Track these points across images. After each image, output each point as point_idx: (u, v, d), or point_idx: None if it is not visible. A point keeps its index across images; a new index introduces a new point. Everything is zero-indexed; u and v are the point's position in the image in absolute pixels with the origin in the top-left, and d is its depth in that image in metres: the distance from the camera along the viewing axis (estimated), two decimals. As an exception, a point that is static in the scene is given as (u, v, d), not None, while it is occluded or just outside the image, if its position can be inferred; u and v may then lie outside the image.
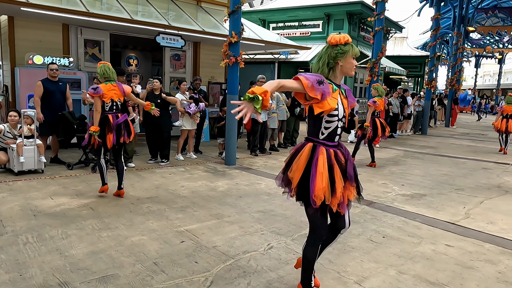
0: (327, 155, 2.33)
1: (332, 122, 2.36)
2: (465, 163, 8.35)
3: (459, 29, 18.19)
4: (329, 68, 2.35)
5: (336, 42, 2.32)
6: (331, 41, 2.33)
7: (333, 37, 2.32)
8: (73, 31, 8.63)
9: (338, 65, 2.34)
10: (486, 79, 50.31)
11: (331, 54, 2.33)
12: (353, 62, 2.38)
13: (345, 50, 2.31)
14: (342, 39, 2.32)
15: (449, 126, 17.59)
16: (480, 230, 4.18)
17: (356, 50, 2.35)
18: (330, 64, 2.33)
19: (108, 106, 4.74)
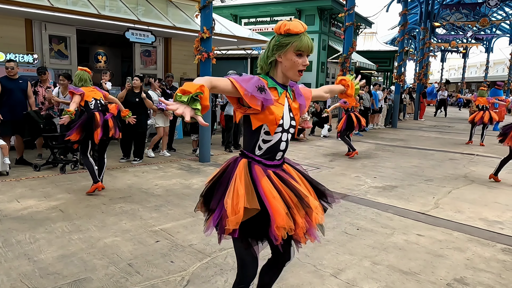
0: (268, 176, 1.79)
1: (275, 134, 1.80)
2: (433, 154, 8.63)
3: (426, 25, 18.73)
4: (269, 64, 1.81)
5: (276, 30, 1.78)
6: (274, 28, 1.81)
7: (277, 23, 1.78)
8: (37, 26, 8.28)
9: (277, 61, 1.79)
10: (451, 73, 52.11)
11: (270, 45, 1.79)
12: (296, 60, 1.75)
13: (283, 42, 1.73)
14: (282, 26, 1.74)
15: (417, 119, 18.12)
16: (448, 219, 4.33)
17: (303, 44, 1.73)
18: (269, 58, 1.79)
19: (92, 104, 4.83)
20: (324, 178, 6.09)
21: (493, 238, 3.82)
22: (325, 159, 7.75)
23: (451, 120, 18.88)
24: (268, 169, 1.82)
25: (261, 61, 1.83)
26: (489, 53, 30.89)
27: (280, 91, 1.80)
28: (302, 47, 1.73)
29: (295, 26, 1.72)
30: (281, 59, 1.76)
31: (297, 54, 1.74)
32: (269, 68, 1.82)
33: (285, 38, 1.73)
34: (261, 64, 1.83)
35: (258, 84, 1.69)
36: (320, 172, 6.57)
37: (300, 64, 1.76)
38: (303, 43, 1.73)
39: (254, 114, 1.74)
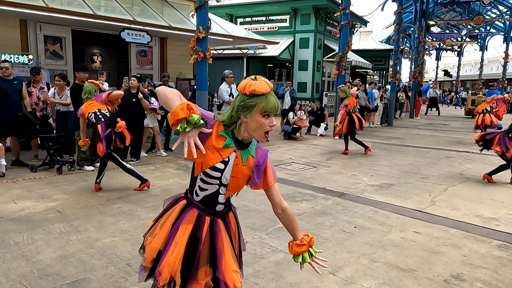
0: (196, 224, 1.72)
1: (210, 184, 1.70)
2: (429, 152, 8.68)
3: (421, 23, 18.81)
4: (232, 122, 1.66)
5: (240, 90, 1.63)
6: (238, 87, 1.65)
7: (241, 82, 1.65)
8: (32, 27, 8.24)
9: (242, 122, 1.64)
10: (446, 71, 52.34)
11: (235, 105, 1.64)
12: (264, 121, 1.61)
13: (249, 104, 1.59)
14: (247, 87, 1.59)
15: (413, 117, 18.21)
16: (445, 216, 4.36)
17: (270, 105, 1.59)
18: (233, 117, 1.65)
19: (93, 118, 4.92)
20: (321, 177, 6.12)
21: (489, 234, 3.86)
22: (322, 158, 7.78)
23: (446, 118, 18.99)
24: (205, 215, 1.74)
25: (226, 119, 1.67)
26: (484, 51, 31.09)
27: (228, 145, 1.65)
28: (269, 108, 1.59)
29: (261, 87, 1.58)
30: (246, 120, 1.62)
31: (264, 115, 1.60)
32: (231, 125, 1.67)
33: (251, 99, 1.59)
34: (225, 119, 1.67)
35: (208, 120, 1.61)
36: (317, 171, 6.59)
37: (267, 125, 1.62)
38: (269, 104, 1.59)
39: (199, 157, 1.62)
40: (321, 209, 4.54)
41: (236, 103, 1.64)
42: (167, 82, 8.08)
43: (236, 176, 1.68)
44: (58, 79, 6.54)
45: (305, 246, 1.83)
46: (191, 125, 1.51)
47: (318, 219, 4.19)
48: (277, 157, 7.80)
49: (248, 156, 1.69)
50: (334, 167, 6.89)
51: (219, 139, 1.65)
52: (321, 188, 5.47)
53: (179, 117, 1.48)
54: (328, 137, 11.04)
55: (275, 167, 2.02)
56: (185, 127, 1.50)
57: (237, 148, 1.67)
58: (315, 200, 4.87)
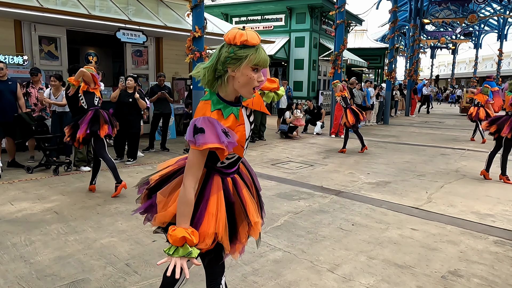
0: (224, 189, 1.71)
1: (237, 151, 1.68)
2: (425, 150, 8.72)
3: (415, 22, 18.88)
4: (216, 77, 1.55)
5: (230, 40, 1.51)
6: (225, 37, 1.54)
7: (229, 32, 1.53)
8: (26, 27, 8.19)
9: (229, 76, 1.54)
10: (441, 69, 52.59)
11: (221, 57, 1.53)
12: (253, 75, 1.52)
13: (239, 55, 1.49)
14: (238, 37, 1.49)
15: (409, 115, 18.28)
16: (441, 213, 4.39)
17: (261, 58, 1.51)
18: (218, 71, 1.54)
19: (85, 103, 4.95)
20: (318, 175, 6.13)
21: (485, 230, 3.89)
22: (318, 157, 7.80)
23: (441, 116, 19.08)
24: (226, 177, 1.73)
25: (206, 73, 1.56)
26: (478, 49, 31.27)
27: (236, 113, 1.60)
28: (260, 61, 1.51)
29: (253, 37, 1.49)
30: (234, 73, 1.52)
31: (253, 68, 1.52)
32: (216, 83, 1.57)
33: (241, 50, 1.49)
34: (206, 77, 1.56)
35: (221, 128, 1.52)
36: (314, 169, 6.61)
37: (255, 80, 1.53)
38: (260, 56, 1.51)
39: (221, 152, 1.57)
40: (319, 207, 4.55)
41: (223, 54, 1.52)
42: (162, 82, 8.05)
43: (252, 121, 1.76)
44: (53, 80, 6.50)
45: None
46: (182, 253, 1.50)
47: (316, 217, 4.20)
48: (274, 156, 7.81)
49: (244, 107, 1.69)
50: (331, 166, 6.91)
51: (222, 118, 1.57)
52: (318, 186, 5.49)
53: (173, 243, 1.51)
54: (325, 135, 11.07)
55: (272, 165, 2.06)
56: (174, 252, 1.51)
57: (239, 107, 1.63)
58: (313, 199, 4.89)
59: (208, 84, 1.58)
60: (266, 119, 10.15)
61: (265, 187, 5.36)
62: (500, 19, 26.13)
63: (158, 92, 7.74)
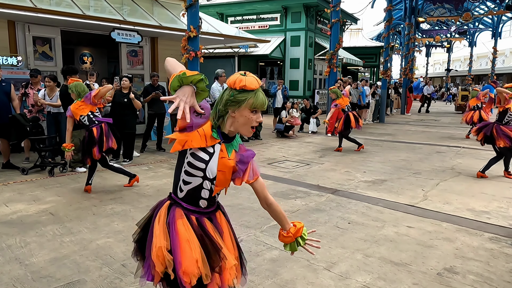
0: (187, 219, 1.68)
1: (194, 177, 1.66)
2: (420, 148, 8.76)
3: (410, 20, 18.95)
4: (219, 116, 1.67)
5: (230, 85, 1.64)
6: (227, 82, 1.68)
7: (231, 77, 1.67)
8: (20, 28, 8.14)
9: (229, 116, 1.66)
10: (436, 67, 52.81)
11: (223, 99, 1.66)
12: (252, 117, 1.64)
13: (238, 99, 1.62)
14: (238, 82, 1.61)
15: (404, 114, 18.35)
16: (437, 211, 4.41)
17: (259, 102, 1.63)
18: (220, 112, 1.66)
19: (87, 120, 4.88)
20: (314, 174, 6.14)
21: (481, 227, 3.91)
22: (315, 155, 7.81)
23: (437, 114, 19.16)
24: (190, 214, 1.69)
25: (213, 112, 1.70)
26: (473, 47, 31.41)
27: (215, 137, 1.67)
28: (258, 104, 1.63)
29: (251, 83, 1.62)
30: (234, 114, 1.65)
31: (252, 110, 1.64)
32: (218, 120, 1.68)
33: (240, 94, 1.62)
34: (212, 114, 1.69)
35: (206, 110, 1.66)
36: (310, 168, 6.62)
37: (254, 120, 1.66)
38: (258, 100, 1.63)
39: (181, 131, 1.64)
40: (315, 206, 4.56)
41: (225, 97, 1.65)
42: (156, 82, 8.00)
43: (223, 170, 1.66)
44: (48, 80, 6.47)
45: (290, 237, 1.87)
46: (188, 80, 1.58)
47: (312, 215, 4.21)
48: (270, 155, 7.81)
49: (232, 150, 1.70)
50: (327, 164, 6.92)
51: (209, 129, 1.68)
52: (315, 185, 5.50)
53: (180, 71, 1.59)
54: (321, 134, 11.09)
55: (268, 165, 2.06)
56: (182, 79, 1.57)
57: (222, 141, 1.68)
58: (309, 197, 4.89)
59: (214, 120, 1.70)
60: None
61: (261, 186, 5.36)
62: (495, 17, 26.26)
63: (152, 92, 7.71)
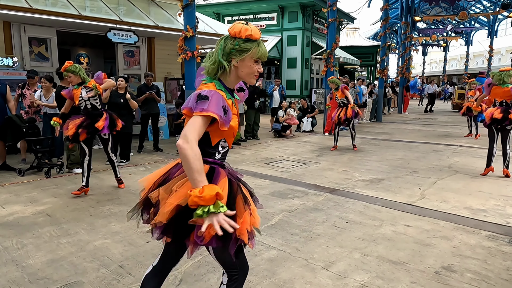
0: (231, 179, 1.75)
1: (229, 139, 1.80)
2: (418, 146, 8.78)
3: (407, 19, 18.99)
4: (219, 67, 1.68)
5: (235, 34, 1.65)
6: (230, 31, 1.68)
7: (234, 26, 1.68)
8: (16, 28, 8.10)
9: (232, 66, 1.68)
10: (433, 66, 52.95)
11: (226, 49, 1.67)
12: (254, 66, 1.69)
13: (244, 48, 1.64)
14: (243, 31, 1.64)
15: (401, 113, 18.38)
16: (435, 209, 4.42)
17: (262, 52, 1.68)
18: (221, 62, 1.67)
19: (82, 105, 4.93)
20: (312, 174, 6.14)
21: (478, 225, 3.92)
22: (312, 155, 7.81)
23: (434, 112, 19.21)
24: (224, 170, 1.76)
25: (209, 63, 1.70)
26: (469, 46, 31.55)
27: (233, 102, 1.74)
28: (262, 55, 1.68)
29: (256, 32, 1.65)
30: (237, 64, 1.68)
31: (255, 60, 1.69)
32: (218, 72, 1.69)
33: (246, 44, 1.65)
34: (209, 66, 1.69)
35: (222, 104, 1.60)
36: (308, 167, 6.62)
37: (256, 70, 1.71)
38: (262, 50, 1.68)
39: (214, 130, 1.66)
40: (313, 205, 4.56)
41: (228, 46, 1.66)
42: (150, 82, 7.93)
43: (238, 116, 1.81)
44: (44, 81, 6.43)
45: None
46: (215, 210, 1.45)
47: (310, 215, 4.21)
48: (268, 154, 7.81)
49: (233, 99, 1.78)
50: (325, 164, 6.93)
51: (227, 101, 1.68)
52: (312, 184, 5.50)
53: (205, 204, 1.44)
54: (318, 133, 11.10)
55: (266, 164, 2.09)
56: (205, 213, 1.45)
57: (232, 99, 1.75)
58: (307, 197, 4.89)
59: (211, 73, 1.71)
60: (259, 118, 10.14)
61: (259, 186, 5.36)
62: (491, 16, 26.35)
63: (146, 92, 7.67)
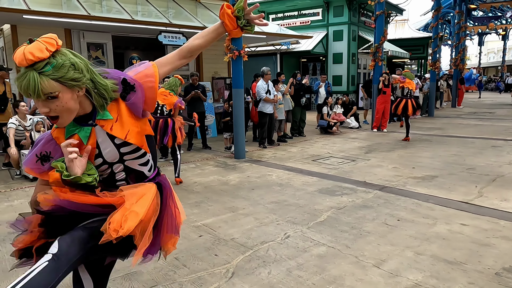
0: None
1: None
2: (473, 142, 8.32)
3: (461, 8, 17.96)
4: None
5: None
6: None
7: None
8: (75, 35, 8.68)
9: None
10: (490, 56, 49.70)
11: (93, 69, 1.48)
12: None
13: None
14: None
15: (455, 107, 17.47)
16: (494, 208, 4.19)
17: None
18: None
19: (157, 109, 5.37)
20: (360, 170, 6.04)
21: (543, 226, 3.67)
22: (360, 151, 7.67)
23: (491, 106, 18.05)
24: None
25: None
26: (532, 33, 29.21)
27: (73, 131, 1.45)
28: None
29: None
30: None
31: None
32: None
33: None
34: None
35: (41, 151, 1.45)
36: (356, 164, 6.51)
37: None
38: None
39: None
40: (362, 202, 4.50)
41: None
42: (196, 81, 8.12)
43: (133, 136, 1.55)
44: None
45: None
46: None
47: (360, 212, 4.16)
48: (315, 151, 7.77)
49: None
50: (374, 160, 6.78)
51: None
52: (361, 181, 5.41)
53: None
54: (366, 130, 10.85)
55: (313, 161, 2.00)
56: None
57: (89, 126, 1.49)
58: (356, 194, 4.83)
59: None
60: (305, 115, 10.10)
61: (306, 183, 5.37)
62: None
63: (192, 91, 7.88)
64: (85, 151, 1.42)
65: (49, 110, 1.29)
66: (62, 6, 7.66)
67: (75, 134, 1.42)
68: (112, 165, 1.50)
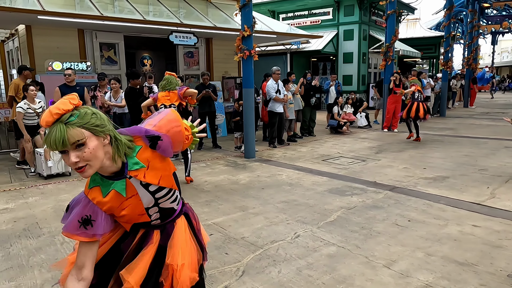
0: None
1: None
2: (486, 143, 8.22)
3: (474, 6, 17.73)
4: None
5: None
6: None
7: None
8: (88, 35, 8.81)
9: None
10: (503, 55, 48.89)
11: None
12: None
13: None
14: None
15: (468, 107, 17.26)
16: (506, 209, 4.15)
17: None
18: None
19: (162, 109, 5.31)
20: (370, 171, 6.02)
21: (557, 228, 3.63)
22: (370, 151, 7.64)
23: (504, 106, 17.80)
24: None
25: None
26: (547, 32, 28.63)
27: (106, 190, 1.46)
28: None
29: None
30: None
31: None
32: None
33: None
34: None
35: (84, 215, 1.45)
36: (366, 164, 6.49)
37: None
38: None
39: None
40: (372, 202, 4.49)
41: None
42: (207, 81, 8.14)
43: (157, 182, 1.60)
44: (114, 83, 6.94)
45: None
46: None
47: (370, 212, 4.15)
48: (324, 151, 7.76)
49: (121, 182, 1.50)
50: (384, 161, 6.75)
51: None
52: (371, 181, 5.40)
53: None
54: (377, 130, 10.79)
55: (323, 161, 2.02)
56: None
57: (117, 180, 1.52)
58: (366, 194, 4.82)
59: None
60: (315, 114, 10.09)
61: (316, 183, 5.37)
62: None
63: (202, 91, 7.92)
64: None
65: (78, 160, 1.30)
66: (75, 6, 7.79)
67: (112, 190, 1.45)
68: (148, 209, 1.58)
